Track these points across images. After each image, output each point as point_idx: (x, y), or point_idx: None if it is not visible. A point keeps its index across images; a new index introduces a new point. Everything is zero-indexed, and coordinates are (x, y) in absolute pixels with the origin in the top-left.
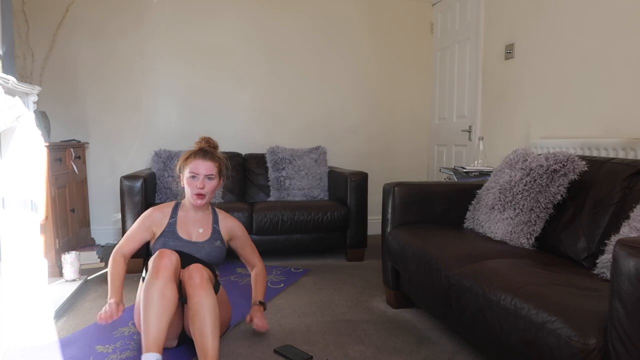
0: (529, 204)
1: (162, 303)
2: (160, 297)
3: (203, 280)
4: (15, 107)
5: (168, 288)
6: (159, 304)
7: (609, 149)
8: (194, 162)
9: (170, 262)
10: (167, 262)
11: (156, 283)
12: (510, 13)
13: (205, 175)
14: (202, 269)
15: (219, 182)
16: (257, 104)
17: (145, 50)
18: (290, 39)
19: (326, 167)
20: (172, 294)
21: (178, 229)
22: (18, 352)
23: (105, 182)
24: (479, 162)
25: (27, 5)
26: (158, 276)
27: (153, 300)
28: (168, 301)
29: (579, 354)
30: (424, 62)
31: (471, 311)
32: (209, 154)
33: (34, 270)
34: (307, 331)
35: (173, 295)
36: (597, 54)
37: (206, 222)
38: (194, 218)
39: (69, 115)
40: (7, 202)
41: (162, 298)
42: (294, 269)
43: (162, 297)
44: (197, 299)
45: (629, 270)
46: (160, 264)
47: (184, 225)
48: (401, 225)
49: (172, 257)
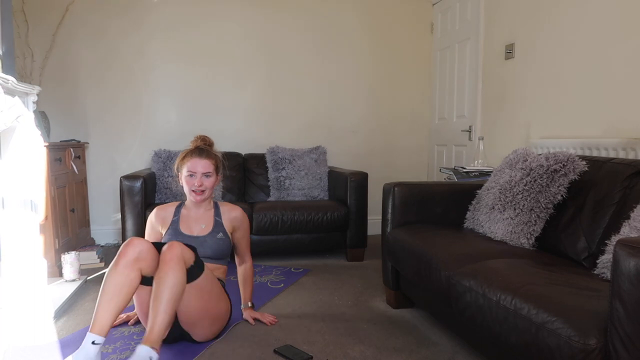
0: (529, 204)
1: (112, 288)
2: (112, 283)
3: (173, 257)
4: (15, 107)
5: (123, 275)
6: (110, 288)
7: (609, 149)
8: (190, 160)
9: (133, 251)
10: (129, 251)
11: (114, 269)
12: (510, 13)
13: (203, 173)
14: (179, 247)
15: (217, 178)
16: (257, 103)
17: (145, 50)
18: (290, 39)
19: (326, 167)
20: (126, 281)
21: (180, 226)
22: (18, 352)
23: (105, 182)
24: (479, 162)
25: (27, 5)
26: (117, 263)
27: (106, 286)
28: (119, 288)
29: (579, 354)
30: (424, 62)
31: (471, 311)
32: (205, 152)
33: (34, 271)
34: (307, 331)
35: (127, 283)
36: (597, 54)
37: (208, 218)
38: (196, 215)
39: (69, 115)
40: (7, 202)
41: (114, 284)
42: (294, 269)
43: (115, 284)
44: (161, 274)
45: (629, 270)
46: (122, 251)
47: (186, 223)
48: (401, 225)
49: (137, 247)
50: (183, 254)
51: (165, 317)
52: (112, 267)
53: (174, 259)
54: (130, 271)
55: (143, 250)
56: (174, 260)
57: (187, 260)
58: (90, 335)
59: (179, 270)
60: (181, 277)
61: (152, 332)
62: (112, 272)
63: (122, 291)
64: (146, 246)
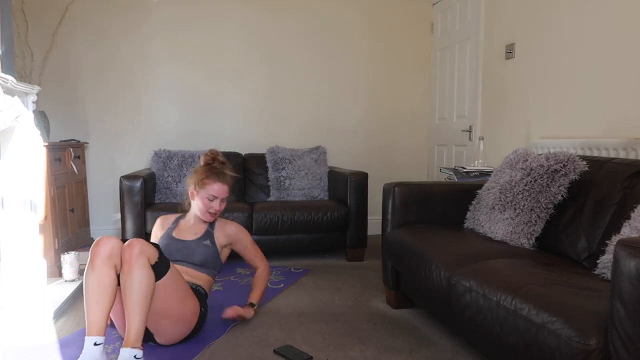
0: (529, 204)
1: (95, 288)
2: (94, 283)
3: (132, 254)
4: (15, 106)
5: (102, 273)
6: (93, 289)
7: (610, 149)
8: (215, 185)
9: (105, 248)
10: (101, 249)
11: (90, 270)
12: (510, 13)
13: (222, 198)
14: (139, 243)
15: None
16: (256, 103)
17: (145, 50)
18: (290, 38)
19: (326, 167)
20: (107, 279)
21: (174, 232)
22: (18, 352)
23: (105, 182)
24: (479, 162)
25: (27, 5)
26: (93, 264)
27: (89, 288)
28: (103, 287)
29: (580, 355)
30: (424, 62)
31: (471, 311)
32: (226, 177)
33: (33, 271)
34: (307, 331)
35: (108, 281)
36: (597, 54)
37: (201, 228)
38: (192, 226)
39: (69, 115)
40: (7, 202)
41: (96, 284)
42: (294, 269)
43: (98, 284)
44: (125, 274)
45: (630, 271)
46: (94, 251)
47: (180, 230)
48: (401, 225)
49: (108, 244)
50: (144, 250)
51: (140, 315)
52: (88, 269)
53: (133, 256)
54: (108, 269)
55: (115, 247)
56: (134, 257)
57: (151, 257)
58: (89, 339)
59: (142, 266)
60: (147, 272)
61: (130, 334)
62: (90, 273)
63: (106, 290)
64: (117, 243)
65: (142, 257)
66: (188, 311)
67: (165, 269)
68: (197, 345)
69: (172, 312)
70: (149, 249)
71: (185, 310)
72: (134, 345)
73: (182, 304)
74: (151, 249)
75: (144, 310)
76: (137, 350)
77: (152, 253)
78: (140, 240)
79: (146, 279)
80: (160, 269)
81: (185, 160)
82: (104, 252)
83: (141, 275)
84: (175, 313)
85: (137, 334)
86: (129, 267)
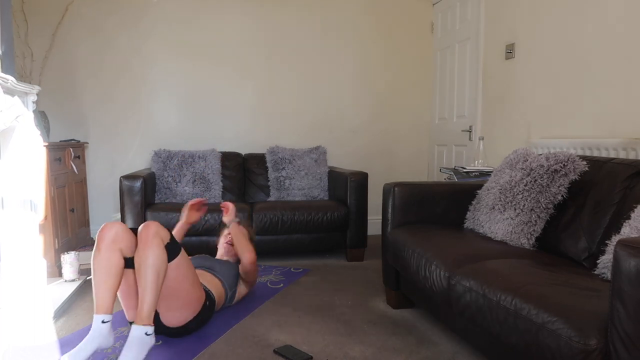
0: (529, 204)
1: (102, 270)
2: (100, 266)
3: (149, 235)
4: (15, 106)
5: (107, 257)
6: (100, 271)
7: (610, 149)
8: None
9: (109, 234)
10: (106, 234)
11: (97, 254)
12: (510, 13)
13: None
14: (154, 225)
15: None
16: (257, 103)
17: (145, 50)
18: (291, 38)
19: (326, 167)
20: (112, 262)
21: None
22: (18, 352)
23: (105, 182)
24: (479, 162)
25: (27, 5)
26: (99, 248)
27: (96, 270)
28: (108, 269)
29: (580, 355)
30: (424, 62)
31: (471, 311)
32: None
33: (33, 271)
34: (307, 331)
35: (113, 263)
36: (597, 54)
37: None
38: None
39: (69, 114)
40: (7, 202)
41: (102, 266)
42: (294, 269)
43: (104, 267)
44: (140, 253)
45: (630, 271)
46: (100, 235)
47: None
48: (401, 225)
49: (112, 229)
50: (158, 232)
51: (152, 293)
52: (95, 252)
53: (150, 237)
54: (112, 252)
55: (119, 232)
56: (150, 237)
57: (161, 233)
58: (97, 317)
59: (157, 247)
60: (161, 253)
61: (142, 310)
62: (96, 257)
63: (111, 272)
64: (121, 227)
65: (157, 237)
66: (195, 296)
67: (177, 251)
68: (197, 345)
69: (180, 293)
70: (163, 231)
71: (193, 294)
72: (145, 323)
73: (191, 287)
74: (164, 231)
75: (157, 289)
76: (149, 327)
77: (165, 234)
78: (155, 223)
79: (159, 258)
80: (173, 250)
81: (185, 160)
82: (109, 236)
83: (155, 254)
84: (183, 294)
85: (149, 311)
86: (143, 246)
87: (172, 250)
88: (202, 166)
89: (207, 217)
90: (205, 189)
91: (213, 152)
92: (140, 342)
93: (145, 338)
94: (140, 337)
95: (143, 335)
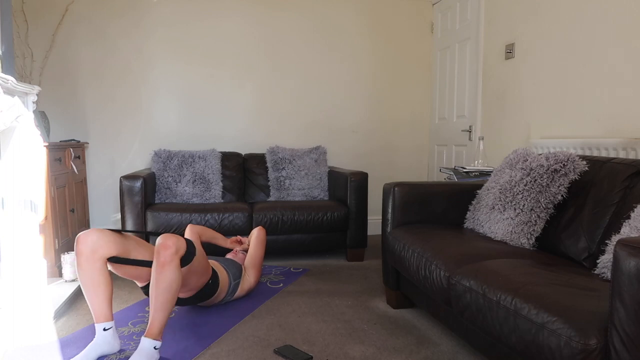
0: (529, 204)
1: (90, 284)
2: (87, 281)
3: (167, 257)
4: (15, 107)
5: (90, 270)
6: (88, 286)
7: (610, 148)
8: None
9: (85, 245)
10: (82, 248)
11: (79, 269)
12: (510, 13)
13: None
14: (172, 245)
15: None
16: (257, 103)
17: (145, 50)
18: (290, 38)
19: (326, 167)
20: (97, 273)
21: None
22: (18, 352)
23: (105, 182)
24: (479, 162)
25: (27, 5)
26: (80, 263)
27: (84, 284)
28: (96, 282)
29: (580, 354)
30: (424, 62)
31: (471, 311)
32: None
33: (34, 271)
34: (307, 331)
35: (99, 273)
36: (597, 54)
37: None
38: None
39: (69, 115)
40: (7, 203)
41: (89, 280)
42: (294, 269)
43: (90, 280)
44: (156, 274)
45: (630, 271)
46: (77, 250)
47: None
48: (401, 225)
49: (88, 240)
50: (178, 250)
51: (164, 313)
52: (77, 268)
53: (168, 259)
54: (93, 263)
55: (95, 240)
56: (168, 260)
57: (180, 250)
58: (98, 325)
59: (175, 269)
60: (177, 276)
61: (153, 326)
62: (80, 273)
63: (99, 281)
64: (97, 234)
65: (175, 259)
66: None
67: (192, 255)
68: (197, 345)
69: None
70: (181, 245)
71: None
72: (155, 337)
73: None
74: (181, 242)
75: (169, 308)
76: (157, 342)
77: (182, 246)
78: (173, 239)
79: (176, 282)
80: (189, 256)
81: (185, 161)
82: (86, 249)
83: (172, 278)
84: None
85: (160, 328)
86: (162, 268)
87: (187, 259)
88: (202, 166)
89: (208, 217)
90: (206, 189)
91: (213, 152)
92: (148, 356)
93: (153, 352)
94: (148, 350)
95: (152, 349)
